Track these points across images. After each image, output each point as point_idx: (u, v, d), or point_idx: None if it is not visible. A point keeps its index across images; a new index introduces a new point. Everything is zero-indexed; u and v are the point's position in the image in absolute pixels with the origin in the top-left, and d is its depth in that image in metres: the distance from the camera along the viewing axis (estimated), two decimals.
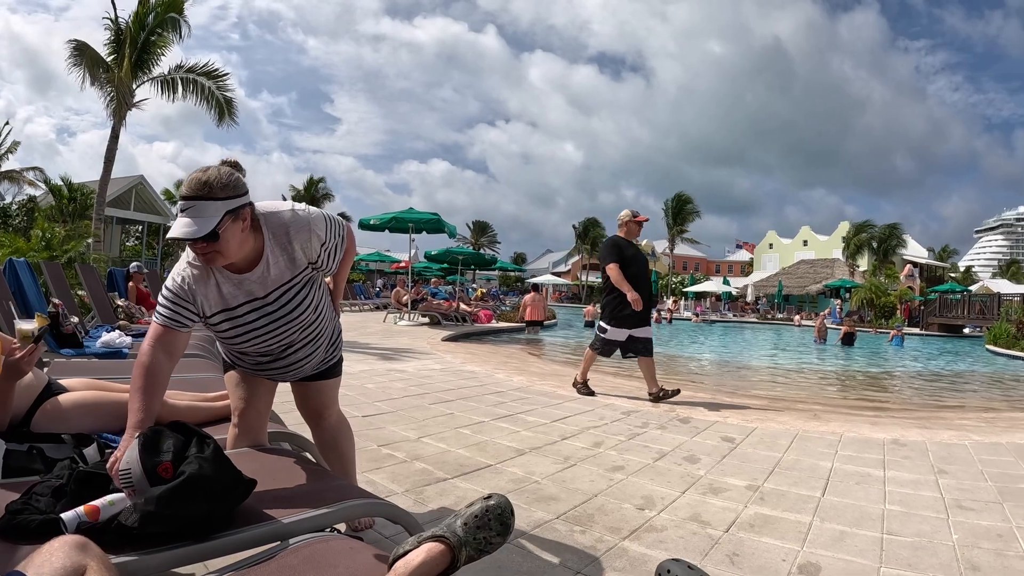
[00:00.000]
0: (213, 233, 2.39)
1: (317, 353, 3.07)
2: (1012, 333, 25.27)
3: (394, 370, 9.70)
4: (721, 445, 6.02)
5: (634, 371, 10.56)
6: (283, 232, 2.69)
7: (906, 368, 19.13)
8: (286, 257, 2.72)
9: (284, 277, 2.74)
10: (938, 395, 13.31)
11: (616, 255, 8.35)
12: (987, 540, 3.83)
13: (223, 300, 2.68)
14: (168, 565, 1.95)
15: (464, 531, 1.84)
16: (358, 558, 1.95)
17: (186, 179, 2.47)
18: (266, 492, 2.38)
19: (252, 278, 2.68)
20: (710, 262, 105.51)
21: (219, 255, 2.49)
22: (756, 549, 3.57)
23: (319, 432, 3.39)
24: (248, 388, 3.10)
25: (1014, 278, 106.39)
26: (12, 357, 2.81)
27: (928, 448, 6.22)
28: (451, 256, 28.98)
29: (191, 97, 24.66)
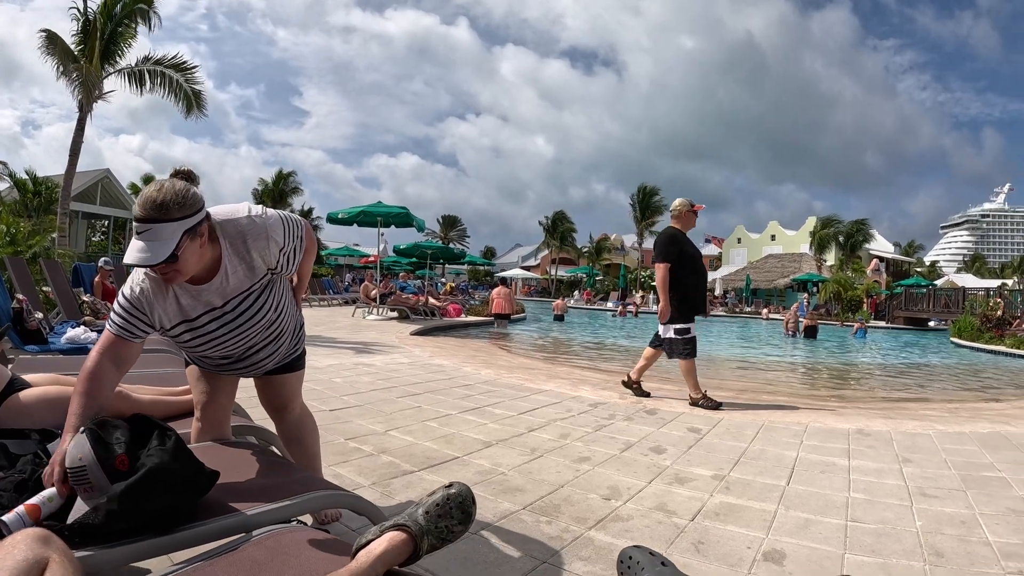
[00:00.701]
0: (172, 255, 2.29)
1: (280, 350, 3.04)
2: (976, 326, 25.67)
3: (362, 364, 9.67)
4: (687, 436, 6.06)
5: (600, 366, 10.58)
6: (240, 241, 2.62)
7: (872, 360, 19.34)
8: (244, 266, 2.65)
9: (243, 285, 2.68)
10: (903, 386, 13.44)
11: (672, 253, 7.82)
12: (950, 526, 3.89)
13: (182, 312, 2.62)
14: (131, 558, 1.94)
15: (426, 520, 1.84)
16: (322, 548, 1.95)
17: (139, 198, 2.33)
18: (230, 485, 2.36)
19: (211, 289, 2.61)
20: None
21: (178, 274, 2.42)
22: (721, 537, 3.60)
23: (282, 426, 3.37)
24: (210, 382, 3.07)
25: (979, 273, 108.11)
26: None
27: (892, 438, 6.30)
28: (420, 250, 28.94)
29: (159, 90, 24.34)
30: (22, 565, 1.45)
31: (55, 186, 31.36)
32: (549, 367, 11.85)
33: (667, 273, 7.70)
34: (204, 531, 2.05)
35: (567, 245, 79.10)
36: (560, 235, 77.63)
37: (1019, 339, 22.01)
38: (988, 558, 3.45)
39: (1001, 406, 9.65)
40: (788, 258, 68.84)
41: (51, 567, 1.49)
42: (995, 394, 12.26)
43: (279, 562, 1.84)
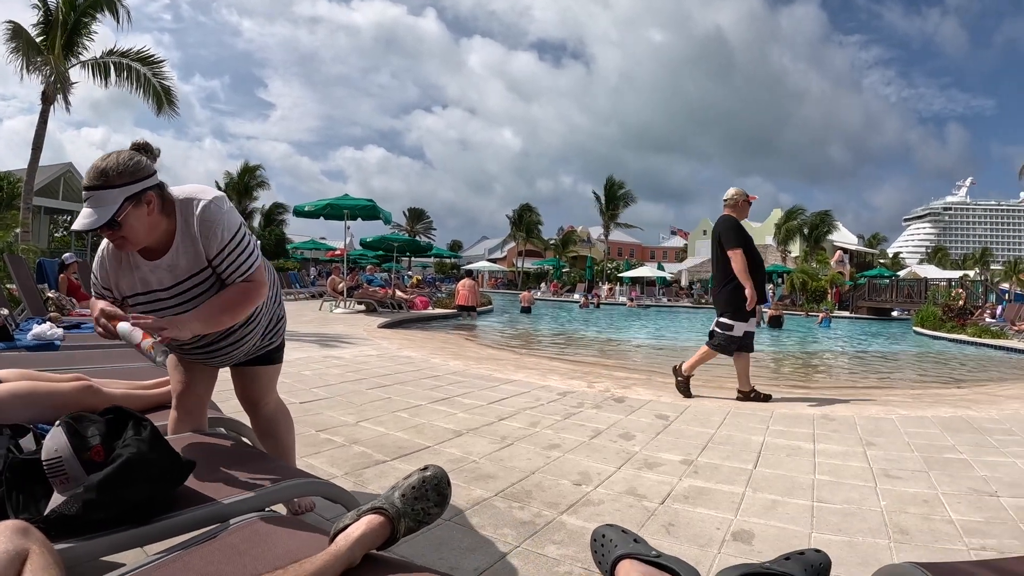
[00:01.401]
0: (112, 221, 2.35)
1: (248, 340, 2.99)
2: (938, 316, 26.02)
3: (331, 357, 9.64)
4: (655, 422, 6.13)
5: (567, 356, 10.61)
6: (192, 221, 2.60)
7: (837, 349, 19.56)
8: (193, 248, 2.62)
9: (194, 268, 2.64)
10: (867, 374, 13.64)
11: (742, 239, 7.65)
12: (914, 506, 3.99)
13: (137, 284, 2.64)
14: (110, 550, 1.95)
15: (402, 502, 1.86)
16: (299, 535, 1.96)
17: (88, 168, 2.42)
18: (206, 475, 2.38)
19: (162, 265, 2.61)
20: (645, 248, 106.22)
21: (126, 241, 2.46)
22: (691, 519, 3.66)
23: (256, 420, 3.37)
24: (188, 372, 3.06)
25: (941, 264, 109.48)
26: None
27: (856, 422, 6.40)
28: (386, 243, 28.81)
29: (125, 83, 23.69)
30: (2, 557, 1.45)
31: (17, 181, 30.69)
32: (517, 358, 11.90)
33: (744, 257, 7.50)
34: (181, 521, 2.05)
35: (533, 237, 78.99)
36: (526, 227, 77.52)
37: (980, 328, 22.36)
38: (951, 535, 3.54)
39: (963, 391, 9.81)
40: None
41: (31, 559, 1.48)
42: (957, 381, 12.45)
43: (257, 548, 1.85)
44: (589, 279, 60.79)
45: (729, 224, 7.73)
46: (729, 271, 7.53)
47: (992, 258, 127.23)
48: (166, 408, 3.52)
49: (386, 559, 1.82)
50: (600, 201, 70.47)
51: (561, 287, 61.64)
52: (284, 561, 1.71)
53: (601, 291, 53.60)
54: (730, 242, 7.55)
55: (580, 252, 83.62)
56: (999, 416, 6.98)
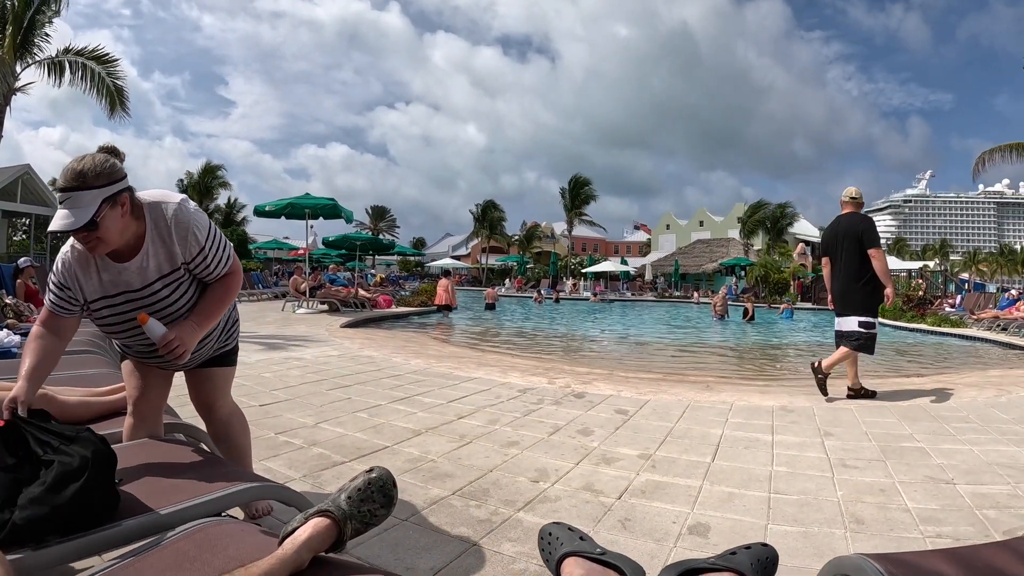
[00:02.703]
0: (91, 222, 2.41)
1: (208, 342, 3.03)
2: (899, 306, 26.29)
3: (292, 358, 9.60)
4: (615, 417, 6.16)
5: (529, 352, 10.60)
6: (164, 225, 2.68)
7: (799, 340, 19.71)
8: (165, 251, 2.70)
9: (162, 270, 2.72)
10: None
11: (879, 239, 7.55)
12: (870, 495, 4.06)
13: (102, 288, 2.68)
14: (61, 559, 1.94)
15: (348, 505, 1.86)
16: (249, 539, 1.96)
17: (62, 171, 2.47)
18: (159, 481, 2.39)
19: (131, 268, 2.66)
20: (608, 243, 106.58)
21: (101, 242, 2.50)
22: (647, 513, 3.70)
23: (211, 424, 3.36)
24: (143, 378, 3.05)
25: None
26: None
27: (815, 413, 6.50)
28: (349, 242, 28.75)
29: (79, 83, 22.95)
30: None
31: None
32: (479, 355, 11.88)
33: (885, 257, 7.49)
34: (131, 527, 2.05)
35: (497, 234, 78.93)
36: (490, 224, 77.43)
37: (940, 317, 22.69)
38: (907, 523, 3.61)
39: (921, 380, 9.93)
40: (716, 243, 69.80)
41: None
42: (916, 370, 12.60)
43: (207, 554, 1.84)
44: (553, 274, 60.90)
45: (867, 223, 7.67)
46: (867, 269, 7.48)
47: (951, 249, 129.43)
48: (122, 414, 3.51)
49: (334, 561, 1.82)
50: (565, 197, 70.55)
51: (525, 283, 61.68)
52: (235, 565, 1.71)
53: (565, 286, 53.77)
54: (873, 241, 7.50)
55: (544, 248, 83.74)
56: (957, 404, 7.10)
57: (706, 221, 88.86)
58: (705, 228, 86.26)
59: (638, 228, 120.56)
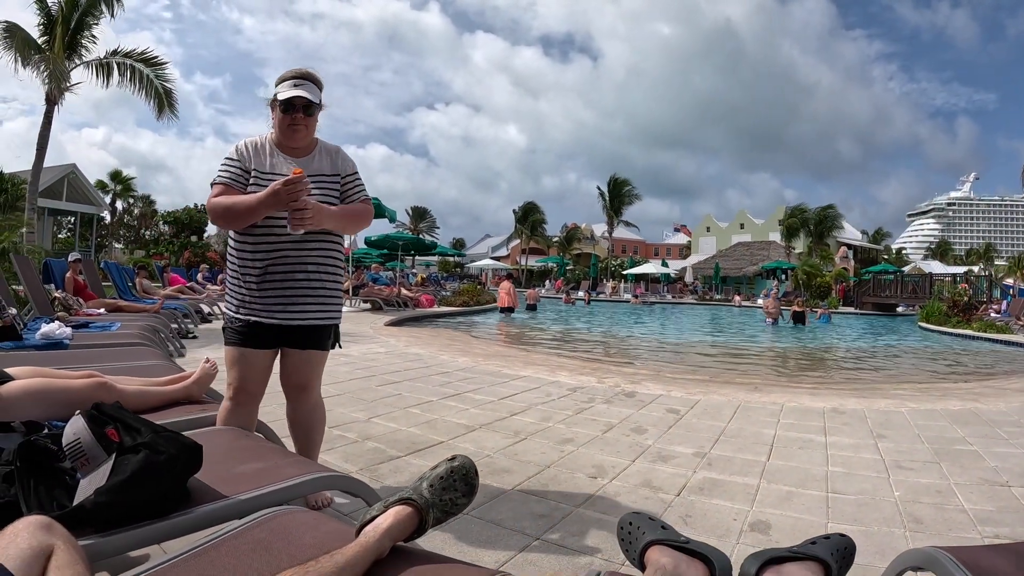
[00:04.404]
0: (317, 106, 3.21)
1: (322, 291, 3.25)
2: (943, 311, 25.98)
3: (339, 355, 9.57)
4: (666, 416, 6.13)
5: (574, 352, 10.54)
6: (332, 148, 3.41)
7: (844, 344, 19.54)
8: (330, 161, 3.35)
9: (324, 171, 3.29)
10: (875, 368, 13.64)
11: None
12: (927, 496, 4.02)
13: (272, 166, 3.20)
14: (132, 545, 1.96)
15: (430, 493, 1.86)
16: (324, 527, 1.96)
17: (290, 71, 3.23)
18: (227, 470, 2.40)
19: (300, 161, 3.24)
20: (648, 245, 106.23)
21: (304, 129, 3.21)
22: (707, 510, 3.68)
23: (299, 407, 3.44)
24: (246, 366, 3.19)
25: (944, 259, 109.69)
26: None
27: (866, 415, 6.42)
28: (391, 242, 28.82)
29: (127, 84, 23.40)
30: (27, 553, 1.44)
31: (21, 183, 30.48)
32: (525, 354, 11.88)
33: None
34: (200, 516, 2.07)
35: (537, 235, 78.90)
36: (530, 225, 77.40)
37: (985, 323, 22.36)
38: (965, 524, 3.58)
39: (970, 385, 9.84)
40: (757, 246, 69.26)
41: (56, 554, 1.48)
42: (964, 375, 12.46)
43: (282, 541, 1.85)
44: (593, 276, 60.72)
45: None
46: None
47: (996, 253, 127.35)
48: (180, 405, 3.57)
49: (414, 550, 1.82)
50: (604, 198, 70.33)
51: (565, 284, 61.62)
52: (311, 553, 1.70)
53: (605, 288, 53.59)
54: None
55: (584, 249, 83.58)
56: (1007, 409, 7.01)
57: (746, 223, 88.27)
58: (746, 231, 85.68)
59: (678, 230, 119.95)
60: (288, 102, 3.13)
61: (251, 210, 2.96)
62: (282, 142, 3.26)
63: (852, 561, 1.95)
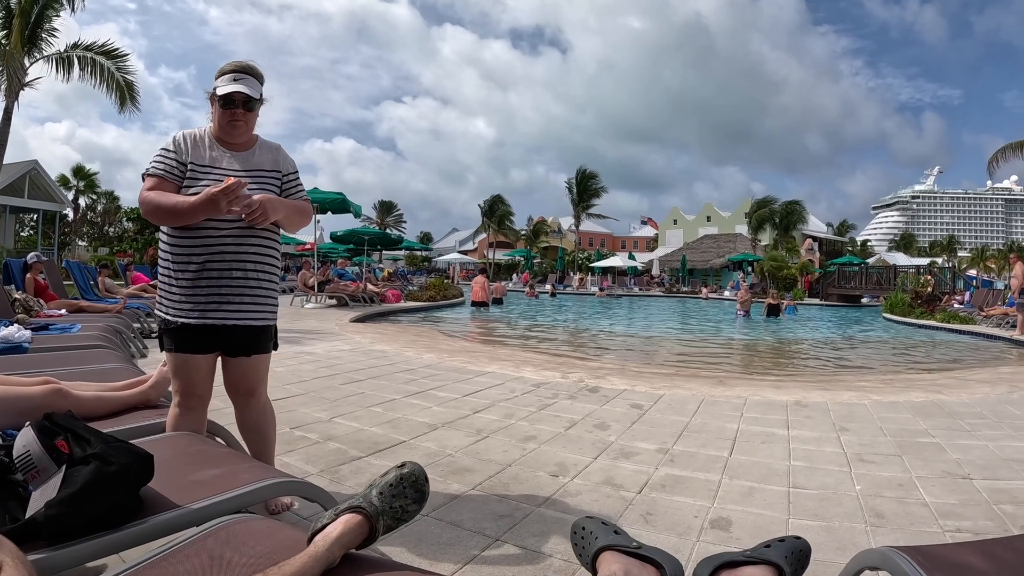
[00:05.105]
0: (258, 100, 3.18)
1: (259, 290, 3.20)
2: (907, 302, 26.31)
3: (303, 353, 9.58)
4: (630, 412, 6.15)
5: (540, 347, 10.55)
6: (272, 145, 3.40)
7: (808, 336, 19.69)
8: (271, 156, 3.33)
9: (264, 166, 3.27)
10: (838, 360, 13.74)
11: None
12: (889, 489, 4.06)
13: (210, 160, 3.16)
14: (83, 559, 1.91)
15: (380, 500, 1.84)
16: (278, 536, 1.93)
17: (230, 64, 3.18)
18: (181, 478, 2.36)
19: (239, 156, 3.23)
20: (616, 238, 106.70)
21: (244, 125, 3.18)
22: (669, 507, 3.69)
23: (247, 412, 3.39)
24: (189, 371, 3.13)
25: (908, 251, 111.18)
26: None
27: (829, 408, 6.48)
28: (357, 236, 28.68)
29: (88, 78, 23.19)
30: None
31: None
32: (491, 350, 11.88)
33: None
34: (154, 526, 2.03)
35: (505, 228, 78.81)
36: (498, 219, 77.30)
37: (949, 313, 22.61)
38: (927, 518, 3.61)
39: (933, 376, 9.94)
40: (723, 238, 69.83)
41: (4, 570, 1.44)
42: (927, 366, 12.58)
43: (234, 552, 1.82)
44: (560, 269, 60.82)
45: None
46: None
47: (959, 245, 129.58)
48: (138, 410, 3.51)
49: (366, 558, 1.80)
50: (572, 192, 70.35)
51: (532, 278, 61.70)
52: (263, 563, 1.68)
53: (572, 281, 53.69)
54: None
55: (551, 243, 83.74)
56: (970, 400, 7.09)
57: (713, 216, 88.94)
58: (712, 223, 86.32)
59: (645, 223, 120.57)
60: (227, 97, 3.09)
61: (189, 214, 2.91)
62: (222, 137, 3.22)
63: (807, 563, 1.96)
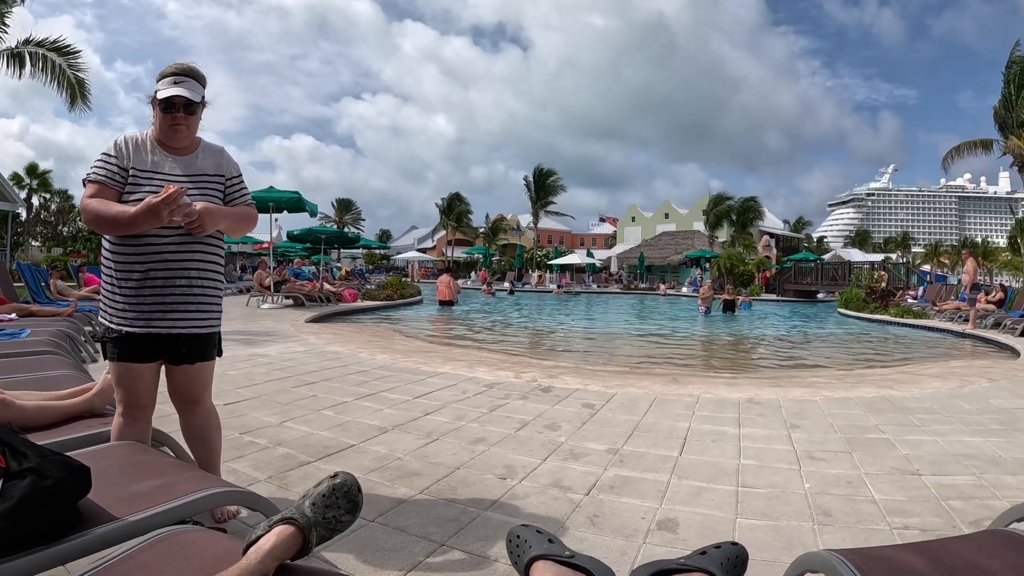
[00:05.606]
0: (199, 104, 3.14)
1: (203, 298, 3.15)
2: (862, 297, 26.73)
3: (257, 355, 9.48)
4: (582, 412, 6.17)
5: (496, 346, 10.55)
6: (216, 148, 3.35)
7: (764, 332, 19.85)
8: (214, 160, 3.28)
9: (207, 170, 3.23)
10: (793, 356, 13.89)
11: None
12: (837, 487, 4.12)
13: (152, 166, 3.09)
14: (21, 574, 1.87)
15: (313, 511, 1.83)
16: (214, 548, 1.92)
17: (172, 67, 3.12)
18: (123, 489, 2.33)
19: (181, 160, 3.17)
20: (575, 235, 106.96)
21: (185, 128, 3.13)
22: (616, 509, 3.70)
23: (192, 420, 3.34)
24: (134, 381, 3.07)
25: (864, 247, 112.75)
26: None
27: (781, 405, 6.55)
28: (314, 235, 28.53)
29: (40, 75, 22.39)
30: None
31: None
32: (446, 350, 11.87)
33: None
34: (93, 539, 2.00)
35: (463, 226, 78.69)
36: (456, 216, 77.15)
37: (902, 308, 22.96)
38: (874, 515, 3.66)
39: (885, 371, 10.09)
40: (681, 235, 70.22)
41: None
42: (880, 361, 12.74)
43: (171, 564, 1.81)
44: (519, 267, 60.89)
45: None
46: None
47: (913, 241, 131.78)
48: (83, 419, 3.45)
49: (301, 568, 1.79)
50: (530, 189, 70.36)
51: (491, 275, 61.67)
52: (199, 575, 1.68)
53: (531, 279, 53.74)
54: None
55: (510, 240, 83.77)
56: (921, 395, 7.22)
57: (671, 213, 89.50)
58: (670, 220, 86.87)
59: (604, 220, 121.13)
60: (168, 101, 3.04)
61: (130, 224, 2.85)
62: (163, 141, 3.16)
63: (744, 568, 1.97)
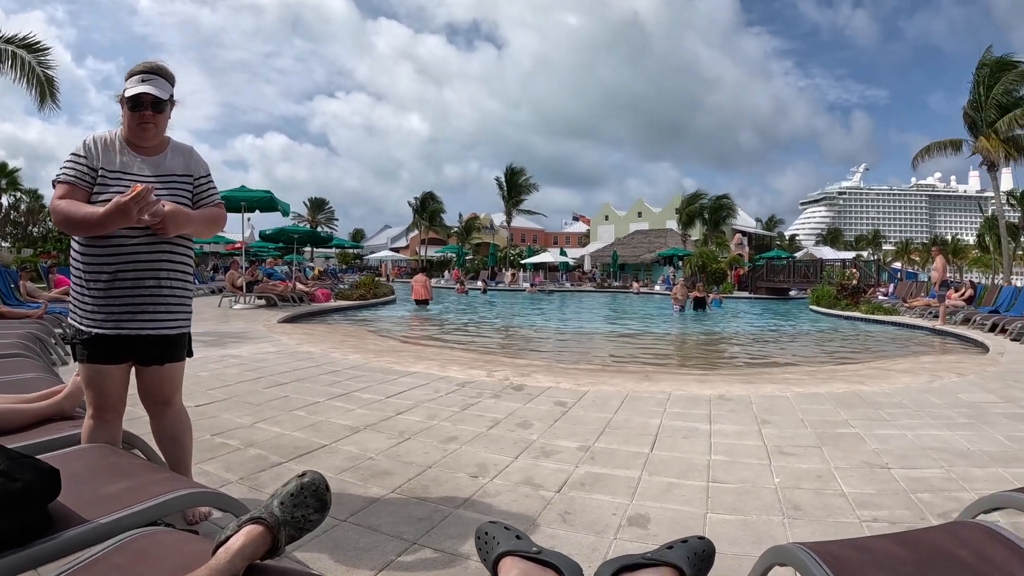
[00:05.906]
0: (168, 102, 3.14)
1: (172, 299, 3.14)
2: (833, 294, 26.94)
3: (229, 356, 9.43)
4: (554, 410, 6.19)
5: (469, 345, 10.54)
6: (185, 148, 3.34)
7: (736, 329, 19.97)
8: (183, 160, 3.28)
9: (175, 170, 3.22)
10: (765, 352, 14.00)
11: None
12: (807, 481, 4.17)
13: (121, 166, 3.08)
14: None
15: (281, 511, 1.84)
16: (184, 549, 1.92)
17: (140, 65, 3.13)
18: (93, 491, 2.33)
19: (150, 161, 3.16)
20: (548, 234, 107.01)
21: (154, 127, 3.12)
22: (587, 506, 3.73)
23: (164, 421, 3.33)
24: (104, 383, 3.07)
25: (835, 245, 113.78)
26: None
27: (752, 401, 6.61)
28: (286, 235, 28.39)
29: (8, 72, 22.03)
30: None
31: None
32: (419, 349, 11.86)
33: None
34: (63, 542, 2.00)
35: (437, 225, 78.53)
36: (429, 215, 76.97)
37: (873, 305, 23.16)
38: (843, 508, 3.72)
39: (855, 367, 10.19)
40: (654, 234, 70.45)
41: None
42: (850, 357, 12.86)
43: (141, 566, 1.81)
44: (492, 266, 60.89)
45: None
46: None
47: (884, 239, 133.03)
48: (52, 422, 3.43)
49: (270, 568, 1.80)
50: (502, 188, 70.32)
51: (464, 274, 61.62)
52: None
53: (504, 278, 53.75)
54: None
55: (483, 239, 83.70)
56: (890, 390, 7.31)
57: (644, 212, 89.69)
58: (644, 219, 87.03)
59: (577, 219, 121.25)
60: (136, 99, 3.03)
61: (100, 225, 2.83)
62: (132, 140, 3.15)
63: (711, 563, 1.99)
